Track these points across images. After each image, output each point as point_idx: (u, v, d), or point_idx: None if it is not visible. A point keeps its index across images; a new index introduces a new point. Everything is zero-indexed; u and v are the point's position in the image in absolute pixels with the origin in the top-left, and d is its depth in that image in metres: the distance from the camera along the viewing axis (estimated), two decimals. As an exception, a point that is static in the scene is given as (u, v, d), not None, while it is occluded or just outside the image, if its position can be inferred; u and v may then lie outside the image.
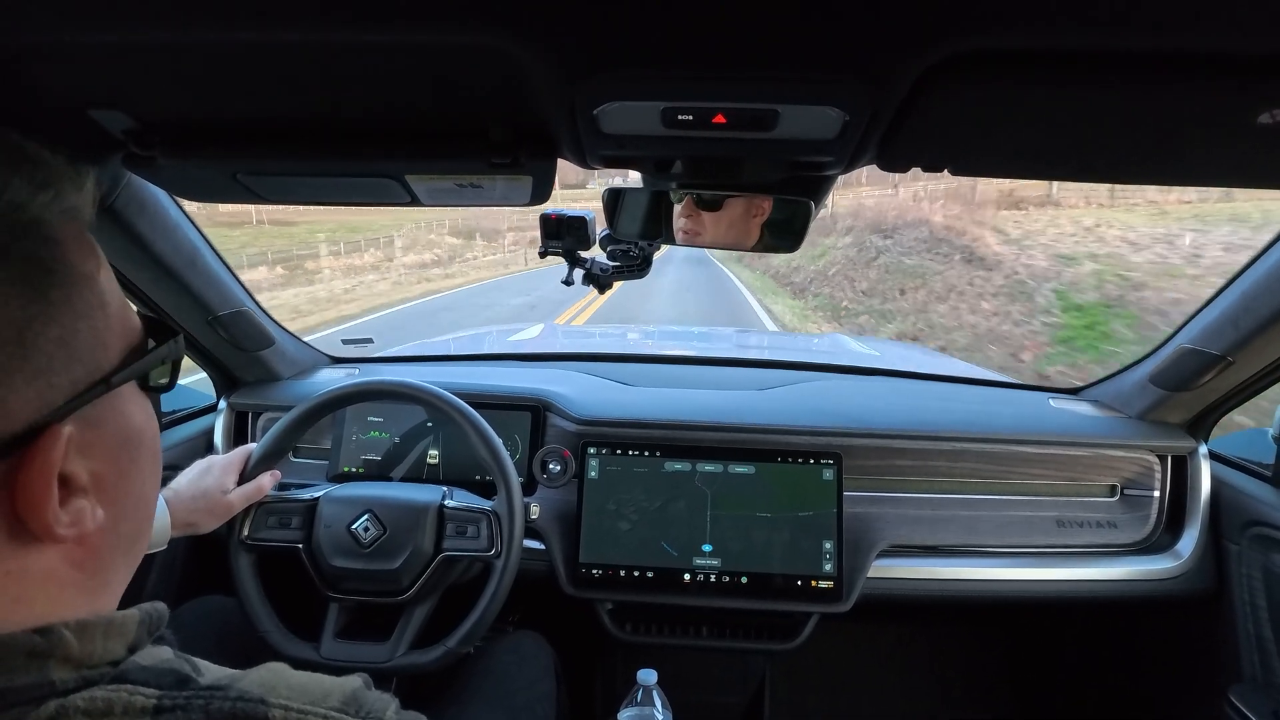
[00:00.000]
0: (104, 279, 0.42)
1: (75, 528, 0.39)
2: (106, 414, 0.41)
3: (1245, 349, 1.10)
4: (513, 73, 0.57)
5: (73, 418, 0.38)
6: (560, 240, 1.22)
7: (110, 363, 0.42)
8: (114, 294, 0.43)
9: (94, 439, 0.40)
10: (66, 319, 0.38)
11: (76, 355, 0.39)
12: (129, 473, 0.44)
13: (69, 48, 0.55)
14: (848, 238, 15.16)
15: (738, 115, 0.62)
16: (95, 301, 0.41)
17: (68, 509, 0.39)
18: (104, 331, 0.41)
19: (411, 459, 1.37)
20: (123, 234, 0.96)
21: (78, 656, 0.38)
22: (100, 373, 0.41)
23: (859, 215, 16.85)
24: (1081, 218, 11.56)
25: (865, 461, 1.31)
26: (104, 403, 0.41)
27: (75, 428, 0.38)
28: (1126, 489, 1.32)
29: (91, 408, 0.40)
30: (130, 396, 0.44)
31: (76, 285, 0.40)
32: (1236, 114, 0.56)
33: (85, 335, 0.40)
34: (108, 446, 0.42)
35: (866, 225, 15.35)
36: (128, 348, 0.43)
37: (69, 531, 0.39)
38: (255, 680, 0.41)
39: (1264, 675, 1.16)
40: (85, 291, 0.40)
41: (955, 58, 0.52)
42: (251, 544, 1.09)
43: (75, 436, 0.38)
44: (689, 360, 1.77)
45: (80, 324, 0.39)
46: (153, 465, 0.47)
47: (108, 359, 0.41)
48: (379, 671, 1.05)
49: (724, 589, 1.22)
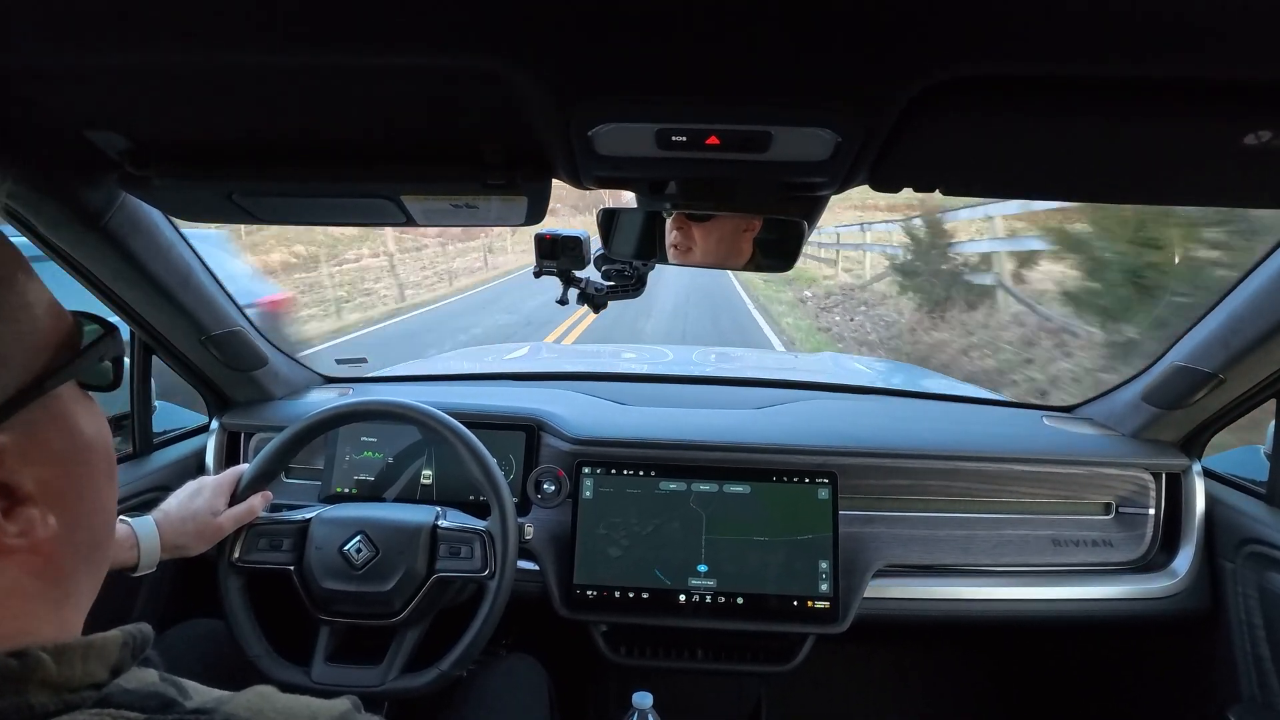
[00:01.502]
0: (25, 280, 0.41)
1: (25, 537, 0.38)
2: (47, 419, 0.40)
3: (1237, 367, 1.11)
4: (508, 95, 0.57)
5: (8, 426, 0.37)
6: (555, 260, 1.22)
7: (44, 366, 0.40)
8: (40, 294, 0.42)
9: (37, 445, 0.39)
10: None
11: (4, 361, 0.38)
12: (80, 478, 0.43)
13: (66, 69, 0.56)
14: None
15: (731, 137, 0.62)
16: (18, 304, 0.40)
17: (15, 519, 0.38)
18: (32, 335, 0.40)
19: (405, 479, 1.36)
20: (116, 253, 0.96)
21: (56, 680, 0.37)
22: (31, 377, 0.39)
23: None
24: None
25: (861, 481, 1.31)
26: (42, 408, 0.40)
27: (12, 436, 0.38)
28: (1121, 507, 1.32)
29: (29, 413, 0.39)
30: (73, 399, 0.43)
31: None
32: (1223, 137, 0.57)
33: (11, 339, 0.38)
34: (54, 452, 0.41)
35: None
36: (61, 349, 0.42)
37: (18, 541, 0.38)
38: (242, 704, 0.40)
39: (1262, 696, 1.15)
40: (8, 294, 0.39)
41: (945, 83, 0.53)
42: (242, 566, 1.08)
43: (13, 445, 0.38)
44: (684, 379, 1.77)
45: (6, 328, 0.38)
46: (107, 469, 0.46)
47: (39, 362, 0.40)
48: (371, 696, 1.03)
49: (719, 610, 1.21)
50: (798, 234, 0.93)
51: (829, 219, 12.22)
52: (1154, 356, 1.29)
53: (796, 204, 0.89)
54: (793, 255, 0.97)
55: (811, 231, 0.96)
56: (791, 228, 0.93)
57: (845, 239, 13.13)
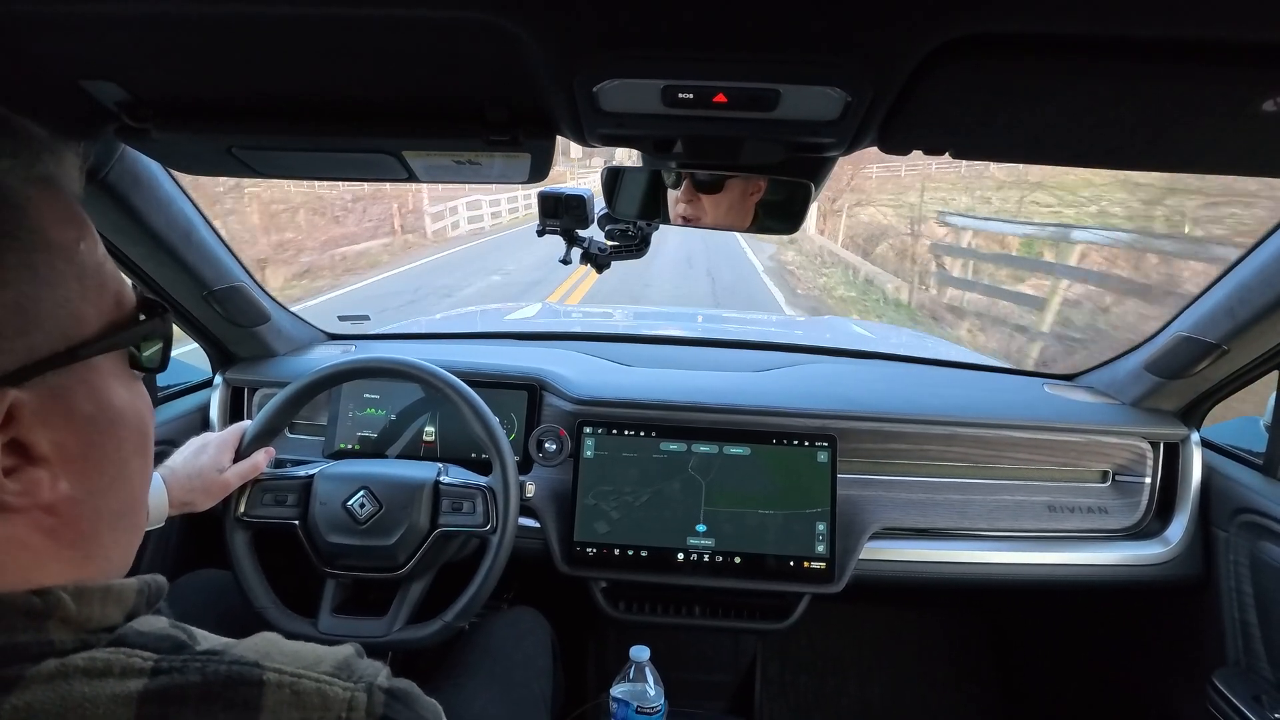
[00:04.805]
0: (85, 251, 0.41)
1: (28, 496, 0.39)
2: (77, 386, 0.41)
3: (1241, 338, 1.10)
4: (512, 49, 0.56)
5: (31, 386, 0.38)
6: (558, 219, 1.21)
7: (83, 335, 0.41)
8: (98, 267, 0.42)
9: (60, 410, 0.40)
10: (25, 285, 0.38)
11: (36, 323, 0.38)
12: (104, 447, 0.43)
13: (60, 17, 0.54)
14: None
15: (738, 95, 0.61)
16: (70, 272, 0.40)
17: (19, 477, 0.39)
18: (77, 303, 0.40)
19: (408, 436, 1.37)
20: (116, 207, 0.96)
21: (75, 619, 0.39)
22: (67, 343, 0.40)
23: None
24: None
25: (860, 444, 1.32)
26: (75, 375, 0.40)
27: (33, 396, 0.38)
28: (1118, 475, 1.33)
29: (58, 378, 0.39)
30: (112, 373, 0.43)
31: (43, 252, 0.39)
32: (1240, 102, 0.56)
33: (49, 304, 0.39)
34: (78, 419, 0.41)
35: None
36: (109, 323, 0.42)
37: (20, 500, 0.39)
38: (250, 647, 0.42)
39: (1247, 660, 1.18)
40: (56, 260, 0.39)
41: (959, 41, 0.51)
42: (247, 521, 1.10)
43: (33, 404, 0.38)
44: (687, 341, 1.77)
45: (43, 291, 0.39)
46: (139, 443, 0.46)
47: (79, 331, 0.40)
48: (376, 646, 1.06)
49: (717, 569, 1.23)
50: (804, 196, 0.92)
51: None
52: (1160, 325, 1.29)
53: (803, 165, 0.88)
54: (799, 217, 0.96)
55: (818, 193, 0.95)
56: (798, 189, 0.91)
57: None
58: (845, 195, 14.82)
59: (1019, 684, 1.77)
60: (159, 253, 1.08)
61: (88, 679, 0.36)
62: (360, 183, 1.11)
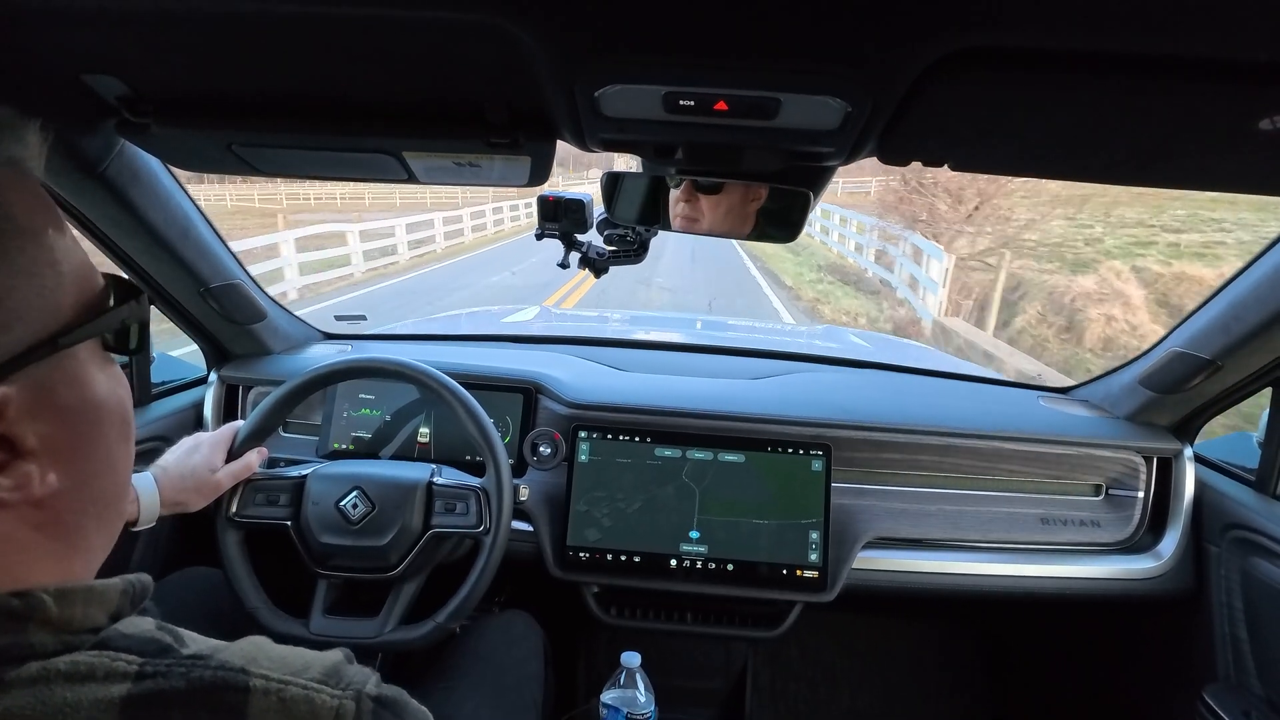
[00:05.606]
0: (55, 236, 0.40)
1: (20, 492, 0.38)
2: (59, 377, 0.40)
3: (1234, 354, 1.11)
4: (514, 52, 0.56)
5: (15, 379, 0.37)
6: (557, 223, 1.21)
7: (60, 324, 0.40)
8: (70, 252, 0.41)
9: (44, 402, 0.39)
10: (3, 275, 0.37)
11: (16, 315, 0.37)
12: (89, 437, 0.42)
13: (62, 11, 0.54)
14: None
15: (739, 102, 0.61)
16: (43, 259, 0.39)
17: (10, 472, 0.38)
18: (54, 291, 0.39)
19: (402, 437, 1.37)
20: (115, 202, 0.95)
21: (57, 621, 0.38)
22: (47, 333, 0.39)
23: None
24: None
25: (854, 454, 1.32)
26: (55, 365, 0.39)
27: (18, 390, 0.37)
28: (1111, 489, 1.33)
29: (40, 369, 0.38)
30: (90, 360, 0.42)
31: (15, 240, 0.38)
32: (1238, 119, 0.56)
33: (25, 294, 0.38)
34: (62, 410, 0.40)
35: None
36: (83, 309, 0.41)
37: (12, 495, 0.38)
38: (237, 651, 0.41)
39: (1238, 676, 1.18)
40: (29, 247, 0.38)
41: (959, 54, 0.51)
42: (239, 521, 1.09)
43: (18, 399, 0.37)
44: (683, 348, 1.77)
45: (18, 281, 0.37)
46: (120, 430, 0.45)
47: (57, 320, 0.39)
48: (368, 647, 1.05)
49: (710, 576, 1.23)
50: (803, 204, 0.93)
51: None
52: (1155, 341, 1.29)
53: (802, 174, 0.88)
54: (797, 226, 0.96)
55: (816, 203, 0.95)
56: (797, 198, 0.92)
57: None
58: (986, 230, 8.91)
59: (1010, 696, 1.77)
60: (156, 248, 1.08)
61: (69, 683, 0.36)
62: (360, 183, 1.11)
